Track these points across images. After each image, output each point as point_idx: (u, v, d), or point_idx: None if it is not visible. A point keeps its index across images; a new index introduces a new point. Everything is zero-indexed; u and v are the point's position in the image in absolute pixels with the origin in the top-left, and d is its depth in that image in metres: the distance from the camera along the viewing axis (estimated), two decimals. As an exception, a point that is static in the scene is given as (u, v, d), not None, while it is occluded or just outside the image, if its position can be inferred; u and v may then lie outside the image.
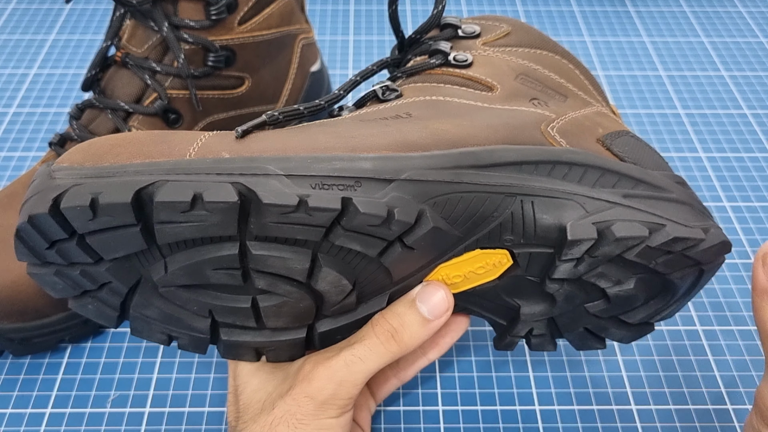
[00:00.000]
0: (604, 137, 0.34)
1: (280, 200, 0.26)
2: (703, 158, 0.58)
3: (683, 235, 0.30)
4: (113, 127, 0.43)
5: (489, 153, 0.30)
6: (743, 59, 0.69)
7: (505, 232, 0.31)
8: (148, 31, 0.43)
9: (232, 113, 0.47)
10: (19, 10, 0.74)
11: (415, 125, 0.31)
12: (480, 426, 0.40)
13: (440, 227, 0.29)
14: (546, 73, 0.37)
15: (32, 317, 0.41)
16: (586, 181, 0.31)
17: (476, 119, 0.32)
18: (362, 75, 0.36)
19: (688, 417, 0.41)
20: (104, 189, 0.25)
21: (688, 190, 0.33)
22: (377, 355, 0.31)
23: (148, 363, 0.43)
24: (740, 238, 0.51)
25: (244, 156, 0.27)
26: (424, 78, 0.36)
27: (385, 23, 0.73)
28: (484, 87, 0.35)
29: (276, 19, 0.46)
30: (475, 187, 0.29)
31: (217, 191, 0.25)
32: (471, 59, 0.36)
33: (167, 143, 0.27)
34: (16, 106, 0.62)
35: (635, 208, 0.31)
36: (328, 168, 0.27)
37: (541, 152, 0.31)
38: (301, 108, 0.31)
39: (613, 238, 0.29)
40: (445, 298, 0.32)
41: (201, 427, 0.40)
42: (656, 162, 0.34)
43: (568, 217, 0.30)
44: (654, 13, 0.75)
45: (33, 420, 0.40)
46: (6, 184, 0.53)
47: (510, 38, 0.38)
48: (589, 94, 0.38)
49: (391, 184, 0.27)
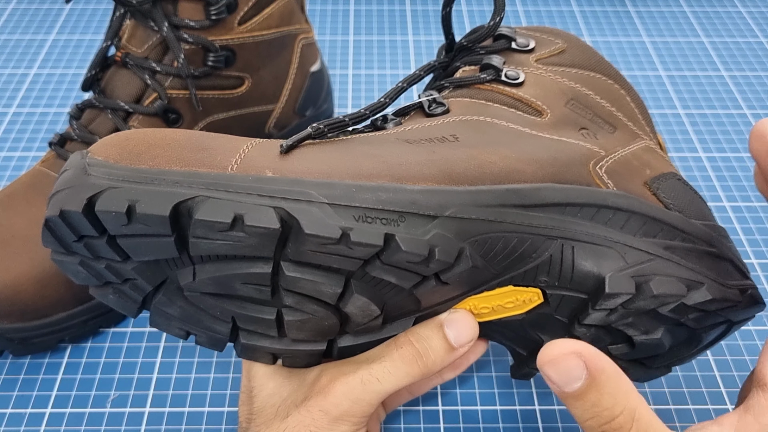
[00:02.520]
0: (651, 180, 0.33)
1: (323, 232, 0.25)
2: (703, 158, 0.58)
3: (720, 296, 0.30)
4: (113, 127, 0.43)
5: (535, 192, 0.29)
6: (743, 59, 0.69)
7: (542, 273, 0.30)
8: (148, 31, 0.43)
9: (232, 113, 0.47)
10: (19, 10, 0.74)
11: (461, 153, 0.30)
12: (480, 426, 0.40)
13: (478, 266, 0.28)
14: (597, 99, 0.36)
15: (32, 317, 0.41)
16: (629, 229, 0.30)
17: (524, 150, 0.31)
18: (408, 81, 0.34)
19: (689, 417, 0.41)
20: (142, 197, 0.25)
21: (729, 243, 0.33)
22: (396, 378, 0.31)
23: (148, 363, 0.43)
24: (740, 238, 0.51)
25: (288, 177, 0.26)
26: (472, 93, 0.34)
27: (385, 23, 0.73)
28: (534, 111, 0.34)
29: (276, 19, 0.46)
30: (518, 227, 0.28)
31: (259, 215, 0.25)
32: (522, 78, 0.35)
33: (208, 151, 0.26)
34: (16, 106, 0.62)
35: (675, 262, 0.30)
36: (372, 199, 0.26)
37: (587, 194, 0.30)
38: (346, 119, 0.30)
39: (651, 294, 0.29)
40: (472, 327, 0.32)
41: (201, 427, 0.40)
42: (700, 211, 0.33)
43: (607, 268, 0.30)
44: (654, 13, 0.75)
45: (33, 420, 0.40)
46: (6, 184, 0.53)
47: (564, 56, 0.37)
48: (638, 125, 0.36)
49: (435, 220, 0.27)
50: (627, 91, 0.37)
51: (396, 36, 0.71)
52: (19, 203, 0.42)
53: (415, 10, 0.75)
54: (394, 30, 0.72)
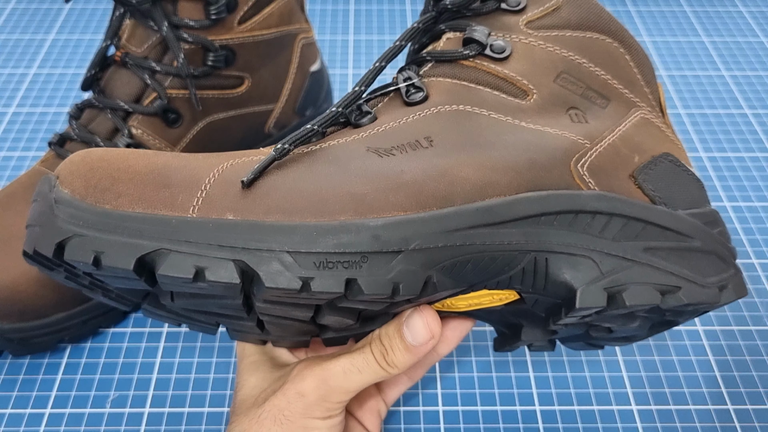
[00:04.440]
0: (638, 171, 0.32)
1: (283, 284, 0.25)
2: (704, 158, 0.58)
3: (696, 299, 0.30)
4: (113, 127, 0.43)
5: (508, 207, 0.28)
6: (743, 59, 0.69)
7: (515, 282, 0.30)
8: (147, 31, 0.43)
9: (231, 113, 0.47)
10: (18, 10, 0.73)
11: (432, 169, 0.28)
12: (480, 426, 0.40)
13: (447, 287, 0.28)
14: (591, 68, 0.34)
15: (32, 317, 0.41)
16: (608, 233, 0.30)
17: (501, 154, 0.30)
18: (387, 57, 0.32)
19: (689, 417, 0.41)
20: (106, 249, 0.25)
21: (714, 230, 0.32)
22: (373, 371, 0.31)
23: (148, 363, 0.43)
24: (741, 238, 0.51)
25: (249, 221, 0.26)
26: (455, 71, 0.33)
27: (386, 23, 0.73)
28: (519, 91, 0.32)
29: (276, 19, 0.46)
30: (488, 247, 0.28)
31: (219, 270, 0.25)
32: (509, 50, 0.33)
33: (170, 189, 0.26)
34: (16, 105, 0.62)
35: (653, 266, 0.30)
36: (333, 243, 0.26)
37: (564, 201, 0.29)
38: (316, 126, 0.29)
39: (623, 305, 0.29)
40: (429, 327, 0.31)
41: (201, 427, 0.40)
42: (690, 197, 0.33)
43: (580, 279, 0.29)
44: (654, 13, 0.75)
45: (32, 420, 0.40)
46: (6, 183, 0.53)
47: (559, 15, 0.34)
48: (636, 90, 0.34)
49: (399, 255, 0.26)
50: (627, 48, 0.35)
51: (396, 35, 0.71)
52: (18, 203, 0.42)
53: (415, 10, 0.75)
54: (394, 30, 0.72)
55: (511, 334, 0.35)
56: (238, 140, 0.48)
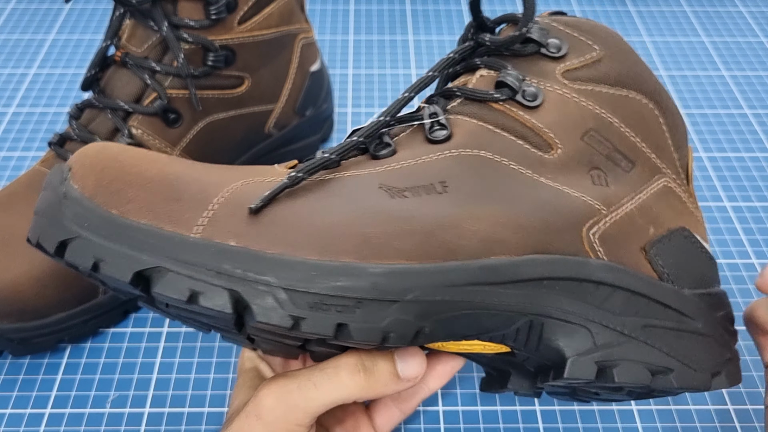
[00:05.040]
0: (650, 244, 0.31)
1: (274, 320, 0.25)
2: (704, 158, 0.58)
3: (687, 384, 0.30)
4: (113, 127, 0.43)
5: (513, 268, 0.28)
6: (744, 59, 0.69)
7: (508, 339, 0.29)
8: (147, 31, 0.43)
9: (231, 113, 0.47)
10: (18, 10, 0.73)
11: (443, 218, 0.28)
12: (480, 426, 0.40)
13: (438, 338, 0.28)
14: (621, 129, 0.32)
15: (32, 317, 0.41)
16: (609, 305, 0.29)
17: (514, 210, 0.29)
18: (416, 88, 0.31)
19: (689, 417, 0.41)
20: (107, 257, 0.25)
21: (718, 313, 0.32)
22: (335, 386, 0.30)
23: (148, 363, 0.43)
24: (741, 238, 0.51)
25: (250, 251, 0.25)
26: (482, 112, 0.32)
27: (385, 23, 0.73)
28: (544, 144, 0.31)
29: (276, 19, 0.46)
30: (486, 305, 0.27)
31: (213, 297, 0.25)
32: (541, 98, 0.32)
33: (178, 203, 0.26)
34: (16, 105, 0.62)
35: (649, 344, 0.30)
36: (330, 286, 0.25)
37: (571, 268, 0.29)
38: (333, 155, 0.29)
39: (612, 380, 0.29)
40: (421, 365, 0.31)
41: (201, 427, 0.40)
42: (699, 275, 0.32)
43: (572, 349, 0.29)
44: (654, 13, 0.75)
45: (32, 420, 0.40)
46: (6, 183, 0.53)
47: (598, 68, 0.33)
48: (664, 155, 0.33)
49: (394, 305, 0.26)
50: (662, 111, 0.34)
51: (396, 36, 0.71)
52: (18, 203, 0.42)
53: (415, 9, 0.75)
54: (394, 30, 0.72)
55: (498, 379, 0.35)
56: (238, 140, 0.48)
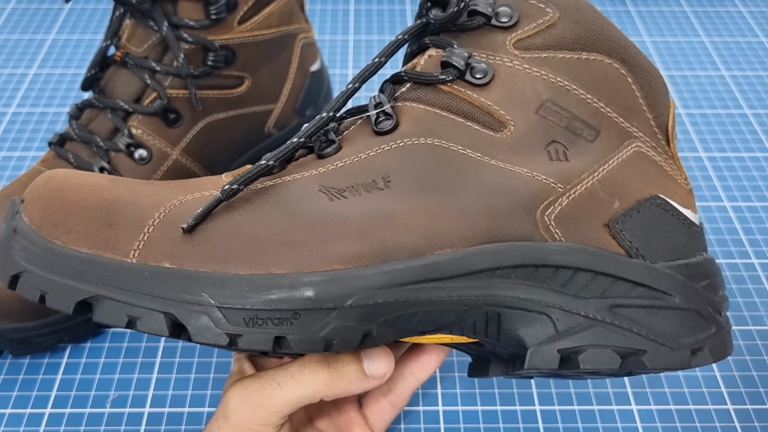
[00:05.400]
0: (615, 220, 0.29)
1: (210, 340, 0.25)
2: (704, 158, 0.58)
3: (663, 365, 0.28)
4: (113, 127, 0.43)
5: (457, 262, 0.26)
6: (743, 59, 0.69)
7: (467, 332, 0.28)
8: (147, 31, 0.43)
9: (231, 113, 0.47)
10: (18, 10, 0.73)
11: (381, 216, 0.27)
12: (480, 426, 0.40)
13: (390, 337, 0.27)
14: (581, 95, 0.30)
15: (32, 317, 0.41)
16: (571, 288, 0.28)
17: (460, 198, 0.28)
18: (363, 78, 0.30)
19: (689, 417, 0.41)
20: (50, 289, 0.26)
21: (700, 284, 0.30)
22: (299, 385, 0.29)
23: (148, 363, 0.43)
24: (740, 238, 0.51)
25: (183, 270, 0.26)
26: (430, 96, 0.30)
27: (385, 23, 0.73)
28: (495, 122, 0.30)
29: (276, 19, 0.46)
30: (434, 302, 0.26)
31: (149, 321, 0.25)
32: (491, 74, 0.30)
33: (114, 228, 0.27)
34: (16, 105, 0.62)
35: (617, 325, 0.28)
36: (263, 300, 0.25)
37: (523, 253, 0.27)
38: (271, 161, 0.28)
39: (577, 367, 0.28)
40: (388, 363, 0.30)
41: (201, 427, 0.40)
42: (676, 245, 0.30)
43: (532, 338, 0.28)
44: (654, 13, 0.75)
45: (32, 420, 0.40)
46: (6, 183, 0.53)
47: (553, 32, 0.30)
48: (635, 116, 0.31)
49: (333, 312, 0.25)
50: (631, 68, 0.31)
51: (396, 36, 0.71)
52: (18, 203, 0.42)
53: (415, 10, 0.75)
54: (394, 30, 0.72)
55: (481, 365, 0.34)
56: (238, 140, 0.48)
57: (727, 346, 0.30)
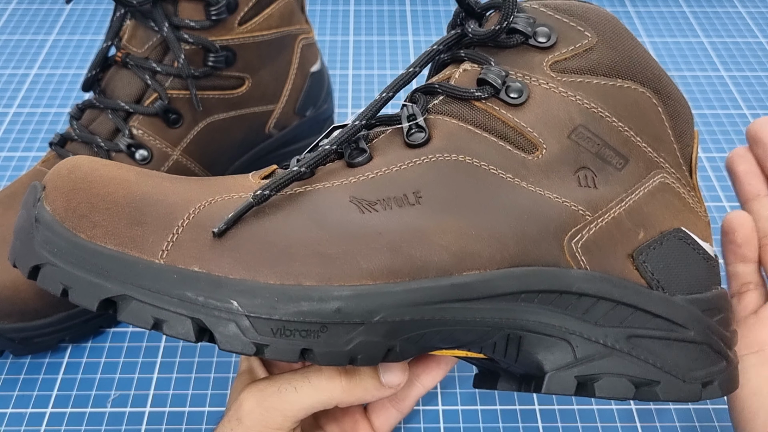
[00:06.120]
0: (639, 251, 0.30)
1: (237, 348, 0.25)
2: (703, 158, 0.58)
3: (675, 396, 0.29)
4: (113, 127, 0.43)
5: (486, 284, 0.27)
6: (743, 59, 0.69)
7: (486, 351, 0.29)
8: (148, 32, 0.43)
9: (232, 113, 0.47)
10: (19, 10, 0.74)
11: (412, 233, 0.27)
12: (480, 426, 0.40)
13: (412, 354, 0.27)
14: (613, 123, 0.30)
15: (32, 317, 0.41)
16: (592, 316, 0.28)
17: (491, 219, 0.28)
18: (395, 87, 0.30)
19: (688, 417, 0.41)
20: (74, 284, 0.26)
21: (714, 318, 0.30)
22: (315, 391, 0.30)
23: (149, 363, 0.43)
24: (740, 238, 0.51)
25: (212, 276, 0.25)
26: (463, 111, 0.30)
27: (385, 23, 0.73)
28: (527, 144, 0.29)
29: (276, 20, 0.46)
30: (458, 322, 0.27)
31: (176, 326, 0.25)
32: (526, 95, 0.30)
33: (142, 227, 0.26)
34: (17, 106, 0.62)
35: (634, 356, 0.29)
36: (293, 311, 0.25)
37: (549, 279, 0.28)
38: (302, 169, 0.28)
39: (592, 394, 0.28)
40: (404, 374, 0.31)
41: (201, 427, 0.40)
42: (694, 279, 0.30)
43: (551, 363, 0.28)
44: (654, 13, 0.75)
45: (33, 420, 0.40)
46: (6, 184, 0.53)
47: (590, 57, 0.30)
48: (663, 147, 0.31)
49: (360, 327, 0.25)
50: (662, 98, 0.32)
51: (396, 36, 0.71)
52: (19, 203, 0.42)
53: (415, 10, 0.75)
54: (394, 30, 0.72)
55: (489, 378, 0.34)
56: (238, 141, 0.48)
57: (735, 380, 0.31)
